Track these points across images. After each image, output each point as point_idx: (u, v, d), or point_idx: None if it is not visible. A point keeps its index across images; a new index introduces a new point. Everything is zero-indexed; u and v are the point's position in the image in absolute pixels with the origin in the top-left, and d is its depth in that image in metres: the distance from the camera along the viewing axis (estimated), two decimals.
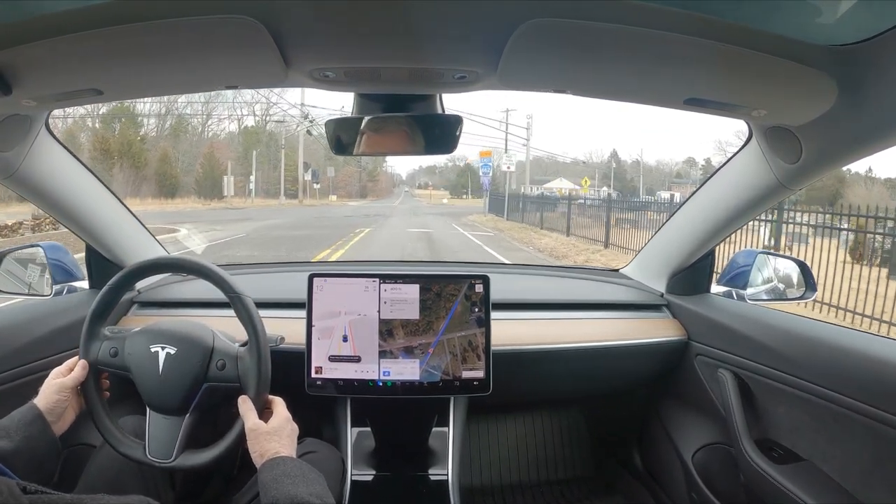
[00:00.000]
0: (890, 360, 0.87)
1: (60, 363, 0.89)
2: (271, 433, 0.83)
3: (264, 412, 0.88)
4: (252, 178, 29.76)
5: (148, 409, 0.89)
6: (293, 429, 0.87)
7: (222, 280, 0.90)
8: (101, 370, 0.91)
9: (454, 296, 1.12)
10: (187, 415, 0.88)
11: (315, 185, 31.66)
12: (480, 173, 23.25)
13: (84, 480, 0.92)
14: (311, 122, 29.17)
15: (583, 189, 22.19)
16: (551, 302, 1.43)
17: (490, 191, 23.23)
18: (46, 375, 0.87)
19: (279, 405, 0.89)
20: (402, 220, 19.14)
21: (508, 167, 21.91)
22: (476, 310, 1.13)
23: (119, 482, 0.90)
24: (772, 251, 1.41)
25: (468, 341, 1.12)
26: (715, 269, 1.39)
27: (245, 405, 0.86)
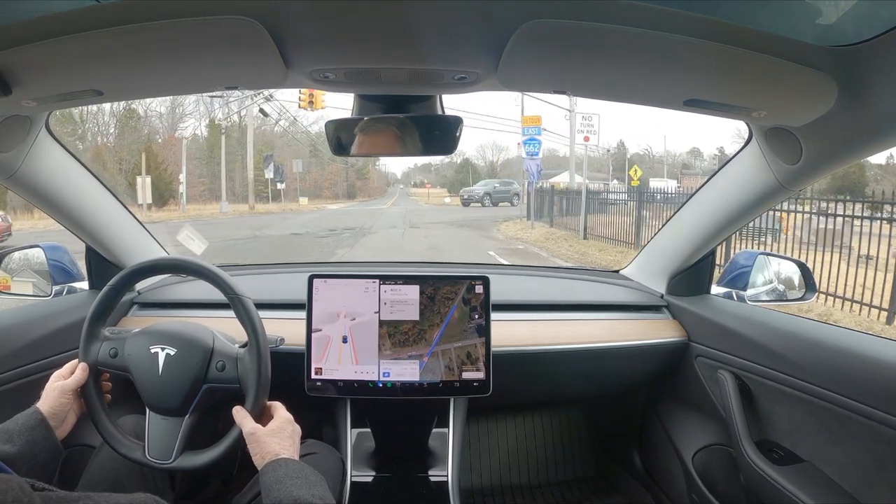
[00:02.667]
0: (891, 362, 0.87)
1: (61, 364, 0.89)
2: (271, 434, 0.82)
3: (264, 417, 0.87)
4: (182, 177, 20.80)
5: (147, 410, 0.89)
6: (295, 430, 0.86)
7: (222, 281, 0.90)
8: (101, 371, 0.91)
9: (451, 299, 1.12)
10: (187, 416, 0.88)
11: (279, 185, 22.78)
12: (524, 154, 13.23)
13: (84, 481, 0.92)
14: (266, 98, 19.97)
15: (633, 181, 13.50)
16: (551, 303, 1.43)
17: (535, 185, 13.49)
18: (47, 376, 0.87)
19: (279, 409, 0.89)
20: (386, 243, 11.01)
21: (587, 136, 11.16)
22: (476, 316, 1.12)
23: (119, 483, 0.90)
24: (772, 252, 1.41)
25: (466, 353, 1.11)
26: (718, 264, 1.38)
27: (239, 414, 0.86)
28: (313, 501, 0.71)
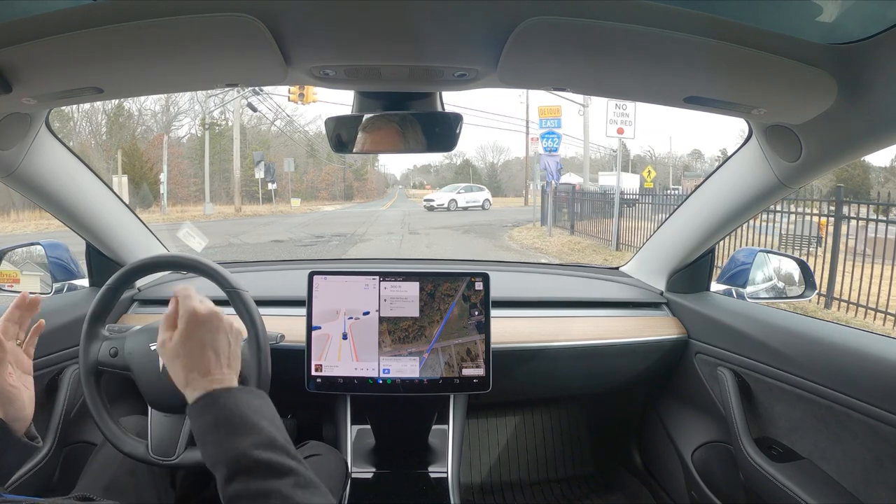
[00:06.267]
0: (890, 359, 0.87)
1: (60, 362, 0.89)
2: (177, 354, 0.63)
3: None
4: (162, 177, 19.09)
5: (149, 409, 0.89)
6: (210, 324, 0.64)
7: (221, 276, 0.90)
8: (101, 370, 0.91)
9: (451, 296, 1.12)
10: None
11: (270, 185, 21.57)
12: (541, 149, 11.57)
13: (84, 479, 0.92)
14: (255, 92, 18.44)
15: (646, 183, 12.40)
16: (551, 299, 1.43)
17: (550, 186, 11.63)
18: (46, 374, 0.87)
19: (182, 300, 0.65)
20: (380, 254, 8.62)
21: (620, 127, 8.86)
22: (476, 313, 1.12)
23: (119, 481, 0.90)
24: (772, 250, 1.41)
25: (466, 350, 1.12)
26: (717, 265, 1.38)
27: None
28: (255, 455, 0.54)
